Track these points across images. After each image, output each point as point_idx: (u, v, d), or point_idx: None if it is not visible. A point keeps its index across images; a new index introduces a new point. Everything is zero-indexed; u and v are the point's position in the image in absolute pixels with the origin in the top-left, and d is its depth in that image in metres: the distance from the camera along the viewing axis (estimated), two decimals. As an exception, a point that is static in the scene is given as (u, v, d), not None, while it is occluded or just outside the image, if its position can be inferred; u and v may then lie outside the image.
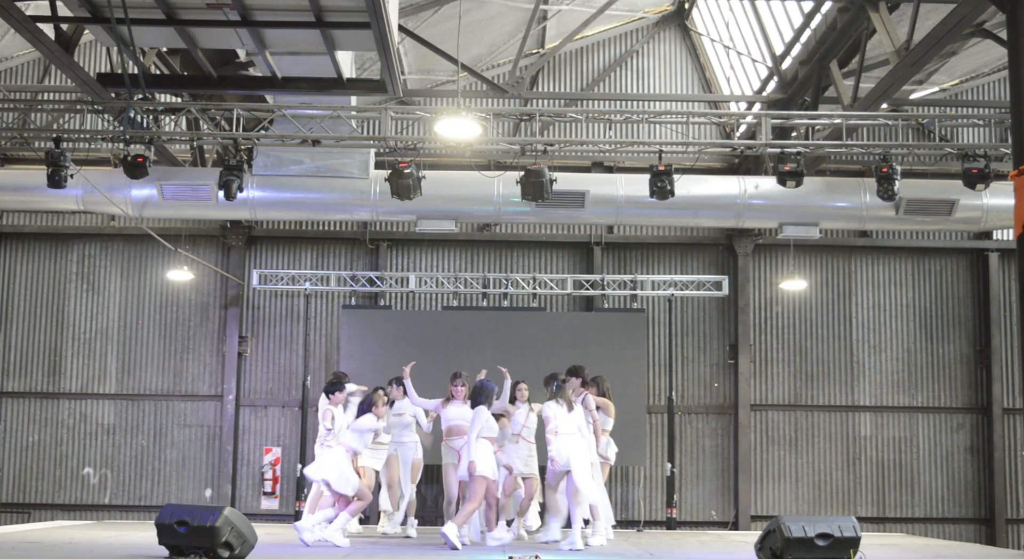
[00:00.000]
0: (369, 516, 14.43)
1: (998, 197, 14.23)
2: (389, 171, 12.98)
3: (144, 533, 10.05)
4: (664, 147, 13.19)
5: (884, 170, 12.73)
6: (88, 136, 14.25)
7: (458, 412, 10.78)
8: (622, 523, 16.54)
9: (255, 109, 13.33)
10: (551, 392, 9.97)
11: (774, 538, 7.84)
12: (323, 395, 10.72)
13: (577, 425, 9.84)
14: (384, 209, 14.57)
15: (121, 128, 12.65)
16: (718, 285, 16.52)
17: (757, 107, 16.22)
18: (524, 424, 10.74)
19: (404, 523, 11.49)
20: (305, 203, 14.74)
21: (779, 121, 13.52)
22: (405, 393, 11.07)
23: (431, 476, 14.19)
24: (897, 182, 12.76)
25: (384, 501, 11.50)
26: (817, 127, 14.11)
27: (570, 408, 9.85)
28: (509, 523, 10.66)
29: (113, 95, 12.71)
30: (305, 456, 15.67)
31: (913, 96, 16.89)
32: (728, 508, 17.17)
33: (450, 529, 9.40)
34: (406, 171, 12.72)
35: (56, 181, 12.55)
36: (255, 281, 16.53)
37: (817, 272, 17.74)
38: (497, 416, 10.24)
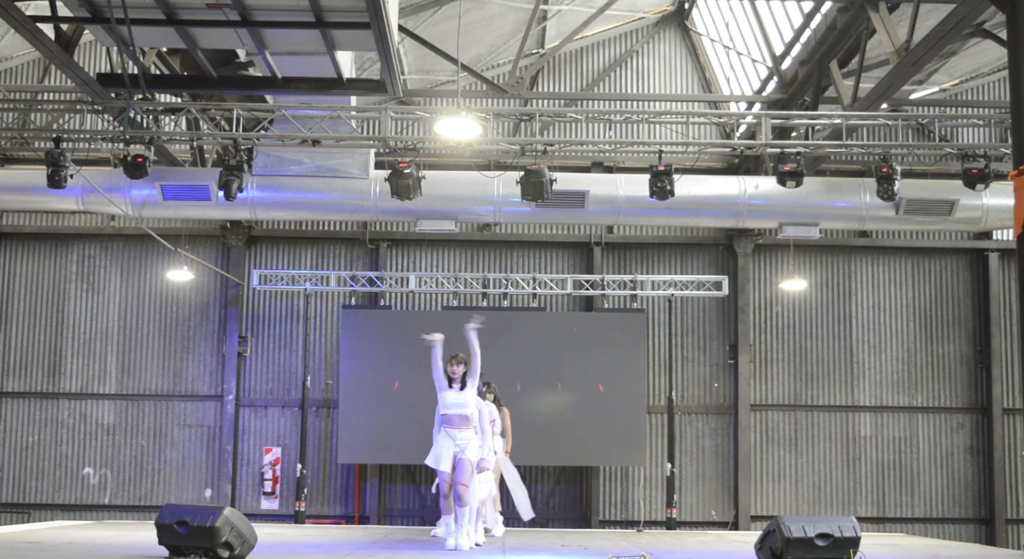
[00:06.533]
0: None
1: (998, 197, 14.23)
2: (389, 171, 12.99)
3: (144, 533, 10.04)
4: (664, 147, 13.20)
5: (884, 170, 12.74)
6: (88, 136, 14.27)
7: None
8: (622, 523, 16.57)
9: (255, 109, 13.33)
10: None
11: (774, 538, 7.85)
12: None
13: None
14: (384, 209, 14.58)
15: (121, 128, 12.66)
16: (718, 285, 16.52)
17: (757, 107, 16.21)
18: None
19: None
20: (305, 203, 14.74)
21: (779, 121, 13.53)
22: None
23: (429, 475, 14.16)
24: (897, 182, 12.77)
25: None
26: (817, 127, 14.12)
27: None
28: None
29: (113, 95, 12.71)
30: (305, 456, 15.69)
31: (913, 96, 16.88)
32: (728, 508, 17.16)
33: None
34: (406, 171, 12.73)
35: (56, 181, 12.57)
36: (255, 281, 16.53)
37: (817, 272, 17.74)
38: None
